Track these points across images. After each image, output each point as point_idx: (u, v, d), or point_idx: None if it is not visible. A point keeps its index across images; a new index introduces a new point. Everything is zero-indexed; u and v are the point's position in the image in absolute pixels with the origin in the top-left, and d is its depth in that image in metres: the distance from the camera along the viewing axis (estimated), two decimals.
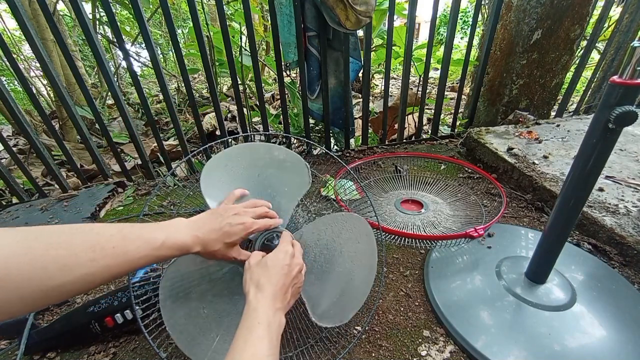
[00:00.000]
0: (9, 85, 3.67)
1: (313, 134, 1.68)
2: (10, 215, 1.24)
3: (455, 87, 3.79)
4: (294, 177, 0.72)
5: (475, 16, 1.55)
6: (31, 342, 0.68)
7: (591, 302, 0.73)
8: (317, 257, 0.69)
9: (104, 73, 1.22)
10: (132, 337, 0.73)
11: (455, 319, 0.71)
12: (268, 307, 0.46)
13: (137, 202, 1.30)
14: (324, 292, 0.67)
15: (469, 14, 6.83)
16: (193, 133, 2.31)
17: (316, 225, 0.71)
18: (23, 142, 2.19)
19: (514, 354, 0.64)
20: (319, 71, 1.38)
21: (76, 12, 1.09)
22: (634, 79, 0.48)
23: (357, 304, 0.67)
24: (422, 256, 0.93)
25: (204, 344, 0.60)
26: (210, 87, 1.35)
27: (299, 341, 0.69)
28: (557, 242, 0.69)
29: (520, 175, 1.18)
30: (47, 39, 1.86)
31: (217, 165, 0.68)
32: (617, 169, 1.14)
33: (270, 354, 0.41)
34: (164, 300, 0.60)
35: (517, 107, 1.70)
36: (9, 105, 1.16)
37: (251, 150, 0.72)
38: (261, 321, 0.44)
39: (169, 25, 1.18)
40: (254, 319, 0.44)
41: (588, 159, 0.57)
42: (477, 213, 1.06)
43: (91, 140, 1.33)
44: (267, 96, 3.31)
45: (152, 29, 3.32)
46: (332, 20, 1.20)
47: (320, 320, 0.63)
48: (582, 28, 1.51)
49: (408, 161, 1.49)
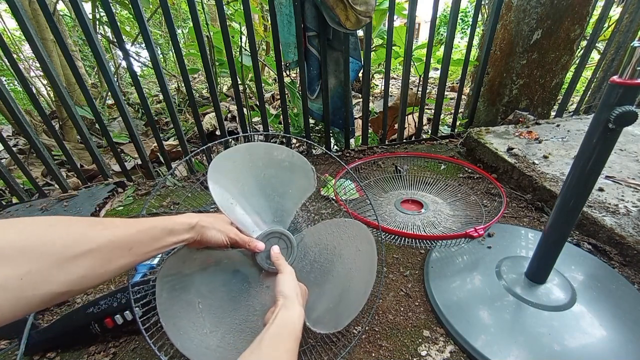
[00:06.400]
0: (9, 85, 3.67)
1: (313, 134, 1.68)
2: (10, 215, 1.24)
3: (455, 87, 3.79)
4: (299, 179, 0.72)
5: (475, 16, 1.55)
6: (31, 342, 0.68)
7: (591, 302, 0.73)
8: (316, 262, 0.69)
9: (104, 73, 1.22)
10: (132, 337, 0.73)
11: (455, 319, 0.71)
12: (303, 320, 0.51)
13: (137, 202, 1.30)
14: (320, 298, 0.66)
15: (469, 14, 6.84)
16: (193, 133, 2.31)
17: (317, 229, 0.71)
18: (23, 142, 2.19)
19: (514, 354, 0.64)
20: (319, 71, 1.38)
21: (76, 12, 1.09)
22: (634, 79, 0.48)
23: (353, 312, 0.66)
24: (422, 256, 0.93)
25: (197, 338, 0.59)
26: (210, 87, 1.35)
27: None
28: (557, 242, 0.69)
29: (520, 175, 1.18)
30: (47, 39, 1.86)
31: (226, 159, 0.68)
32: (617, 169, 1.14)
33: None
34: (160, 292, 0.59)
35: (517, 107, 1.70)
36: (9, 105, 1.16)
37: (256, 150, 0.72)
38: (298, 336, 0.48)
39: (169, 25, 1.18)
40: (296, 332, 0.47)
41: (588, 159, 0.57)
42: (477, 213, 1.06)
43: (91, 140, 1.33)
44: (267, 96, 3.31)
45: (152, 29, 3.32)
46: (332, 20, 1.20)
47: (314, 325, 0.62)
48: (582, 28, 1.51)
49: (408, 161, 1.49)
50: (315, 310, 0.65)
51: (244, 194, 0.69)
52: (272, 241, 0.66)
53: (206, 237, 0.55)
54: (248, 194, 0.69)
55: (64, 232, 0.36)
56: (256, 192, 0.70)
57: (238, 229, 0.63)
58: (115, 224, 0.42)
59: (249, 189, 0.69)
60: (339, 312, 0.65)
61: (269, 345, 0.43)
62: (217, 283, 0.64)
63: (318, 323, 0.63)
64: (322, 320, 0.64)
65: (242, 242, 0.60)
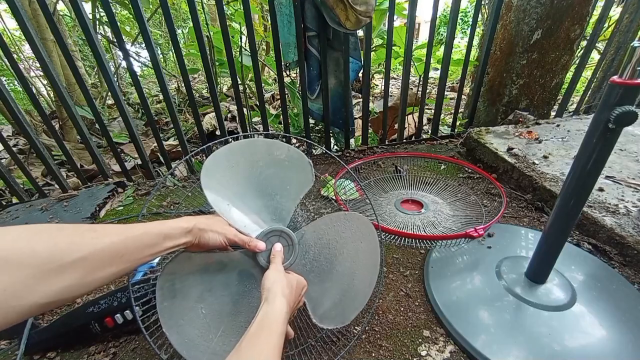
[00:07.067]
0: (9, 85, 3.67)
1: (313, 134, 1.68)
2: (10, 215, 1.24)
3: (455, 87, 3.79)
4: (296, 174, 0.70)
5: (475, 16, 1.55)
6: (31, 342, 0.68)
7: (591, 302, 0.73)
8: (318, 257, 0.68)
9: (104, 73, 1.22)
10: (132, 337, 0.73)
11: (455, 318, 0.71)
12: (286, 320, 0.49)
13: (137, 202, 1.30)
14: (325, 293, 0.66)
15: (469, 14, 6.84)
16: (193, 133, 2.31)
17: (317, 224, 0.70)
18: (23, 142, 2.19)
19: (514, 354, 0.64)
20: (319, 71, 1.38)
21: (76, 12, 1.09)
22: (634, 79, 0.48)
23: (359, 304, 0.66)
24: (422, 256, 0.93)
25: (202, 345, 0.59)
26: (210, 87, 1.35)
27: (299, 340, 0.69)
28: (557, 242, 0.69)
29: (520, 175, 1.18)
30: (47, 39, 1.86)
31: (219, 160, 0.67)
32: (617, 169, 1.14)
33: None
34: (161, 301, 0.59)
35: (517, 107, 1.70)
36: (9, 105, 1.16)
37: (252, 147, 0.70)
38: (281, 329, 0.46)
39: (169, 25, 1.18)
40: (276, 325, 0.46)
41: (588, 159, 0.57)
42: (477, 213, 1.06)
43: (91, 140, 1.33)
44: (267, 96, 3.31)
45: (152, 29, 3.32)
46: (332, 20, 1.20)
47: (321, 321, 0.62)
48: (582, 28, 1.51)
49: (408, 161, 1.49)
50: (322, 305, 0.65)
51: (241, 193, 0.67)
52: (272, 240, 0.65)
53: (204, 240, 0.54)
54: (245, 193, 0.68)
55: (50, 242, 0.35)
56: (253, 191, 0.68)
57: (237, 229, 0.63)
58: (107, 231, 0.41)
59: (246, 187, 0.68)
60: (345, 306, 0.65)
61: (248, 346, 0.42)
62: (219, 286, 0.63)
63: (325, 318, 0.63)
64: (329, 315, 0.64)
65: (242, 242, 0.59)
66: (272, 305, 0.48)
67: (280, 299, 0.50)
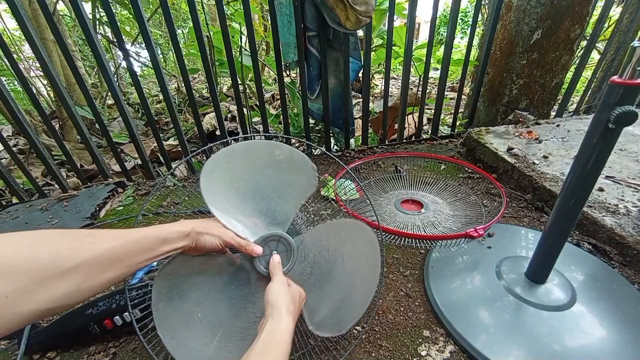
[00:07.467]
0: (9, 85, 3.67)
1: (313, 134, 1.68)
2: (10, 215, 1.24)
3: (455, 87, 3.79)
4: (298, 178, 0.69)
5: (475, 16, 1.55)
6: (31, 342, 0.68)
7: (591, 302, 0.73)
8: (317, 265, 0.67)
9: (104, 73, 1.22)
10: (132, 337, 0.73)
11: (455, 318, 0.71)
12: (291, 339, 0.49)
13: (137, 202, 1.30)
14: (322, 300, 0.65)
15: (469, 14, 6.83)
16: (193, 133, 2.31)
17: (318, 231, 0.68)
18: (23, 142, 2.19)
19: (514, 354, 0.64)
20: (319, 71, 1.38)
21: (76, 12, 1.09)
22: (634, 79, 0.48)
23: (357, 314, 0.64)
24: (422, 256, 0.93)
25: (198, 349, 0.57)
26: (210, 87, 1.35)
27: (299, 343, 0.68)
28: (557, 242, 0.69)
29: (520, 175, 1.18)
30: (47, 39, 1.86)
31: (218, 162, 0.65)
32: (617, 169, 1.14)
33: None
34: (157, 302, 0.58)
35: (517, 107, 1.70)
36: (9, 105, 1.16)
37: (253, 149, 0.69)
38: (286, 350, 0.46)
39: (169, 25, 1.18)
40: (282, 345, 0.46)
41: (588, 159, 0.57)
42: (477, 213, 1.06)
43: (91, 140, 1.33)
44: (267, 96, 3.31)
45: (152, 29, 3.32)
46: (332, 20, 1.20)
47: (317, 329, 0.61)
48: (582, 28, 1.51)
49: (408, 161, 1.49)
50: (318, 313, 0.63)
51: (240, 197, 0.66)
52: (270, 244, 0.64)
53: (201, 243, 0.54)
54: (244, 196, 0.66)
55: (52, 247, 0.36)
56: (253, 194, 0.67)
57: (235, 232, 0.62)
58: (106, 237, 0.41)
59: (245, 191, 0.67)
60: (342, 315, 0.64)
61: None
62: (216, 290, 0.62)
63: (321, 326, 0.61)
64: (326, 324, 0.62)
65: (239, 245, 0.58)
66: (278, 324, 0.48)
67: (286, 317, 0.49)
